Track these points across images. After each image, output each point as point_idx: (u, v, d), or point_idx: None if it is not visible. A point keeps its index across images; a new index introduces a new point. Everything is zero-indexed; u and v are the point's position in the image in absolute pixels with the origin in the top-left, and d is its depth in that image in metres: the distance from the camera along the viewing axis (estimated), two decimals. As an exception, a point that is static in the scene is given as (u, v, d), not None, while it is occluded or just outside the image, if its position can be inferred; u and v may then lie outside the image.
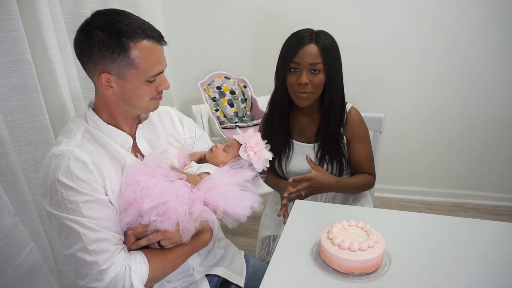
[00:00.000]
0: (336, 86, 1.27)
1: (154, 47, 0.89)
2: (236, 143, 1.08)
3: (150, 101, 0.95)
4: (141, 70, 0.88)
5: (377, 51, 2.39)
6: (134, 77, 0.89)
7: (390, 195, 2.70)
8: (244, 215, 0.97)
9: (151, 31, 0.89)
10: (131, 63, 0.87)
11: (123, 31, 0.85)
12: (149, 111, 1.00)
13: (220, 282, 1.08)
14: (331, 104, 1.29)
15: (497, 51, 2.23)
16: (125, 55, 0.86)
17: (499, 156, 2.44)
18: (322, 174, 1.28)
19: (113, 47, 0.85)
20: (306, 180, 1.25)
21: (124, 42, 0.85)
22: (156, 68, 0.90)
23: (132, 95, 0.91)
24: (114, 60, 0.86)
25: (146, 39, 0.87)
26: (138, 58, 0.87)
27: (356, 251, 0.87)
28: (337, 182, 1.30)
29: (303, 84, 1.23)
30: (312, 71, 1.23)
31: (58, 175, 0.84)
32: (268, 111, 1.41)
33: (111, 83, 0.89)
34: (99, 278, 0.83)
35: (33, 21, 1.25)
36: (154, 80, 0.92)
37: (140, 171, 0.91)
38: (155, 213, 0.86)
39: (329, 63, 1.23)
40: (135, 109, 0.96)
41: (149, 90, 0.92)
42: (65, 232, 0.85)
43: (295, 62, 1.23)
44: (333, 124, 1.31)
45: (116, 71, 0.87)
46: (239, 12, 2.51)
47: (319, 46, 1.22)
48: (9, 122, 1.23)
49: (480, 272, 0.89)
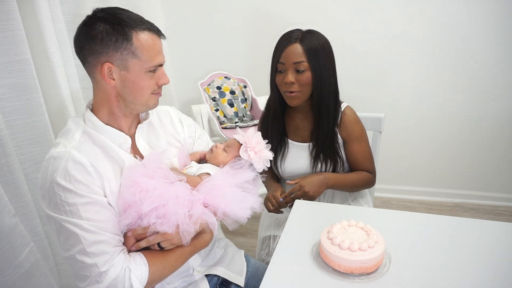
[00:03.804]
0: (325, 85, 1.27)
1: (155, 38, 0.92)
2: (236, 143, 1.07)
3: (150, 95, 0.94)
4: (143, 59, 0.89)
5: (377, 51, 2.39)
6: (136, 67, 0.89)
7: (390, 195, 2.70)
8: (244, 216, 0.97)
9: (150, 24, 0.92)
10: (133, 52, 0.88)
11: (125, 21, 0.87)
12: (149, 108, 0.99)
13: (220, 282, 1.08)
14: (321, 103, 1.29)
15: (497, 51, 2.23)
16: (128, 44, 0.87)
17: (499, 156, 2.44)
18: (309, 176, 1.30)
19: (117, 36, 0.86)
20: (297, 189, 1.26)
21: (127, 31, 0.87)
22: (157, 59, 0.91)
23: (133, 87, 0.91)
24: (117, 49, 0.87)
25: (147, 30, 0.90)
26: (140, 47, 0.88)
27: (356, 251, 0.87)
28: (325, 175, 1.30)
29: (289, 83, 1.24)
30: (297, 70, 1.24)
31: (56, 178, 0.83)
32: (264, 111, 1.44)
33: (113, 74, 0.89)
34: (99, 280, 0.83)
35: (33, 21, 1.25)
36: (155, 71, 0.93)
37: (139, 172, 0.90)
38: (155, 215, 0.85)
39: (315, 62, 1.23)
40: (135, 105, 0.95)
41: (150, 82, 0.92)
42: (64, 235, 0.84)
43: (280, 62, 1.25)
44: (325, 123, 1.31)
45: (119, 61, 0.88)
46: (239, 12, 2.51)
47: (304, 46, 1.23)
48: (9, 122, 1.23)
49: (480, 272, 0.89)
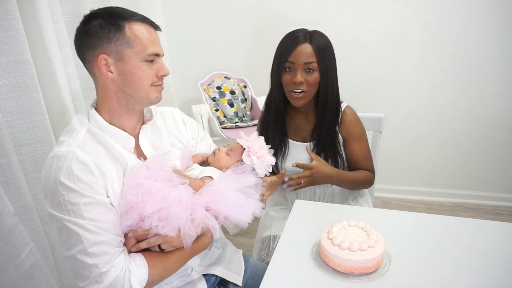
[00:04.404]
0: (330, 85, 1.28)
1: (149, 28, 0.92)
2: (239, 147, 1.07)
3: (151, 88, 0.93)
4: (137, 49, 0.89)
5: (377, 51, 2.39)
6: (132, 57, 0.90)
7: (390, 195, 2.70)
8: (245, 221, 0.97)
9: (143, 16, 0.93)
10: (127, 42, 0.89)
11: (119, 14, 0.90)
12: (151, 102, 0.96)
13: (218, 281, 1.08)
14: (326, 103, 1.30)
15: (498, 51, 2.23)
16: (121, 34, 0.88)
17: (499, 156, 2.44)
18: (324, 164, 1.31)
19: (109, 27, 0.88)
20: (308, 169, 1.27)
21: (120, 22, 0.89)
22: (151, 48, 0.91)
23: (131, 78, 0.91)
24: (110, 40, 0.88)
25: (139, 21, 0.91)
26: (133, 36, 0.89)
27: (356, 251, 0.87)
28: (337, 173, 1.32)
29: (298, 83, 1.24)
30: (306, 70, 1.24)
31: (60, 177, 0.83)
32: (264, 111, 1.43)
33: (110, 67, 0.90)
34: (99, 281, 0.83)
35: (33, 21, 1.25)
36: (152, 62, 0.92)
37: (143, 174, 0.90)
38: (157, 218, 0.85)
39: (323, 62, 1.24)
40: (136, 99, 0.94)
41: (148, 72, 0.91)
42: (65, 234, 0.84)
43: (289, 62, 1.25)
44: (327, 123, 1.32)
45: (114, 52, 0.89)
46: (239, 12, 2.51)
47: (314, 46, 1.23)
48: (9, 122, 1.23)
49: (480, 272, 0.89)
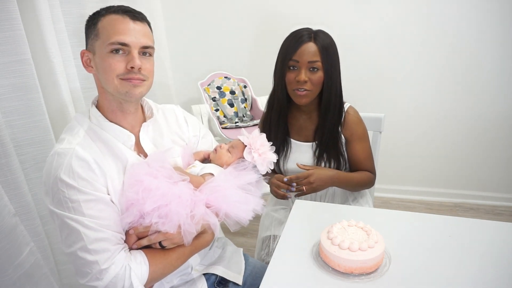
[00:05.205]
0: (334, 85, 1.28)
1: (121, 19, 0.90)
2: (241, 144, 1.07)
3: (119, 81, 0.90)
4: (102, 39, 0.90)
5: (377, 51, 2.39)
6: (100, 48, 0.91)
7: (390, 195, 2.70)
8: (246, 218, 0.97)
9: (119, 7, 0.92)
10: (96, 34, 0.91)
11: (100, 11, 0.93)
12: (122, 95, 0.92)
13: (218, 280, 1.08)
14: (329, 103, 1.30)
15: (498, 51, 2.23)
16: (95, 28, 0.91)
17: (499, 156, 2.44)
18: (321, 169, 1.30)
19: (89, 23, 0.94)
20: (304, 178, 1.25)
21: (97, 17, 0.92)
22: (115, 37, 0.88)
23: (101, 71, 0.91)
24: (89, 35, 0.93)
25: (114, 13, 0.91)
26: (102, 27, 0.91)
27: (356, 251, 0.87)
28: (337, 173, 1.31)
29: (302, 82, 1.24)
30: (310, 69, 1.24)
31: (60, 174, 0.84)
32: (266, 110, 1.42)
33: (91, 62, 0.94)
34: (99, 278, 0.83)
35: (33, 21, 1.25)
36: (122, 52, 0.89)
37: (143, 171, 0.90)
38: (157, 214, 0.86)
39: (327, 61, 1.24)
40: (112, 95, 0.92)
41: (113, 64, 0.88)
42: (66, 231, 0.85)
43: (294, 60, 1.24)
44: (330, 123, 1.32)
45: (90, 46, 0.93)
46: (239, 12, 2.51)
47: (318, 45, 1.23)
48: (9, 122, 1.23)
49: (480, 272, 0.89)
